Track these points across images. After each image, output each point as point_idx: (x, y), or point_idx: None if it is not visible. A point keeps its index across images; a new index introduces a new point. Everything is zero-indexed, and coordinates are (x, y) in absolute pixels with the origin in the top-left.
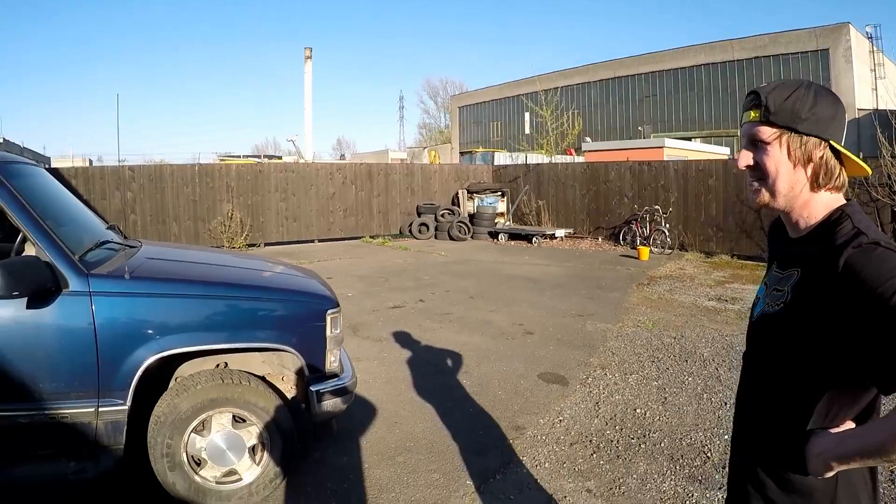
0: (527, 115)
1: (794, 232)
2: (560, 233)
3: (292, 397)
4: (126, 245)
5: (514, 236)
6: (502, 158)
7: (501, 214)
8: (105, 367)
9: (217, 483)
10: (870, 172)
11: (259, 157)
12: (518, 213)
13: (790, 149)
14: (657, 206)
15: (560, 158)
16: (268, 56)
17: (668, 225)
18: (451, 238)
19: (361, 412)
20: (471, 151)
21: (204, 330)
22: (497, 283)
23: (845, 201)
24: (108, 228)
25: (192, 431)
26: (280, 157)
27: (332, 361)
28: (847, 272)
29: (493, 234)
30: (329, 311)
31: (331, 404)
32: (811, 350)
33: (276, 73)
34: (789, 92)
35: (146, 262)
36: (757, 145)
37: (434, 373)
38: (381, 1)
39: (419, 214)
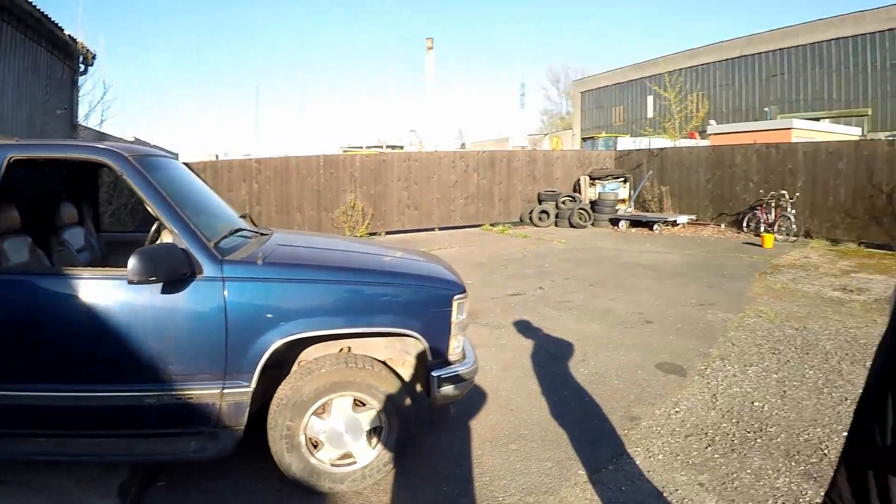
0: (650, 98)
1: None
2: (682, 219)
3: (413, 382)
4: (258, 233)
5: (635, 223)
6: (625, 143)
7: (623, 201)
8: (233, 350)
9: (332, 465)
10: None
11: (381, 147)
12: (640, 199)
13: None
14: (783, 192)
15: (684, 142)
16: (390, 47)
17: (793, 211)
18: (572, 225)
19: (477, 399)
20: (593, 137)
21: (330, 314)
22: (617, 270)
23: None
24: (240, 217)
25: (312, 414)
26: (402, 147)
27: (455, 347)
28: None
29: (614, 221)
30: (455, 297)
31: (450, 390)
32: None
33: (399, 64)
34: None
35: (277, 248)
36: None
37: (551, 360)
38: None
39: (540, 202)
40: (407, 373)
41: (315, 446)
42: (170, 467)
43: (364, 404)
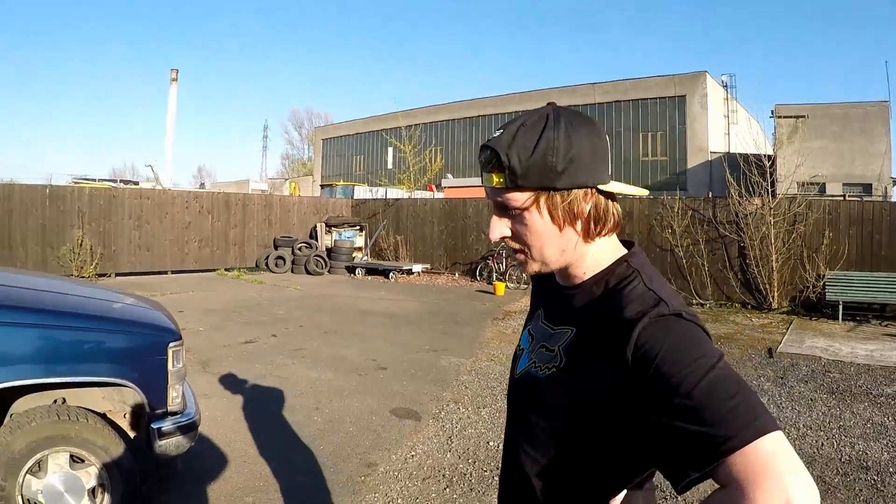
0: (390, 149)
1: (564, 279)
2: (417, 268)
3: (134, 435)
4: None
5: (371, 271)
6: (362, 192)
7: (359, 249)
8: None
9: None
10: (645, 193)
11: (115, 181)
12: (376, 247)
13: (551, 211)
14: None
15: (420, 194)
16: (130, 74)
17: None
18: (308, 272)
19: (208, 451)
20: (332, 184)
21: (37, 362)
22: (352, 318)
23: (621, 244)
24: None
25: (27, 472)
26: (137, 183)
27: (174, 397)
28: (641, 350)
29: (351, 269)
30: (171, 344)
31: (173, 442)
32: (586, 430)
33: (139, 94)
34: (535, 139)
35: None
36: (511, 213)
37: (286, 410)
38: (248, 28)
39: (276, 247)
40: (127, 425)
41: None
42: None
43: (83, 461)
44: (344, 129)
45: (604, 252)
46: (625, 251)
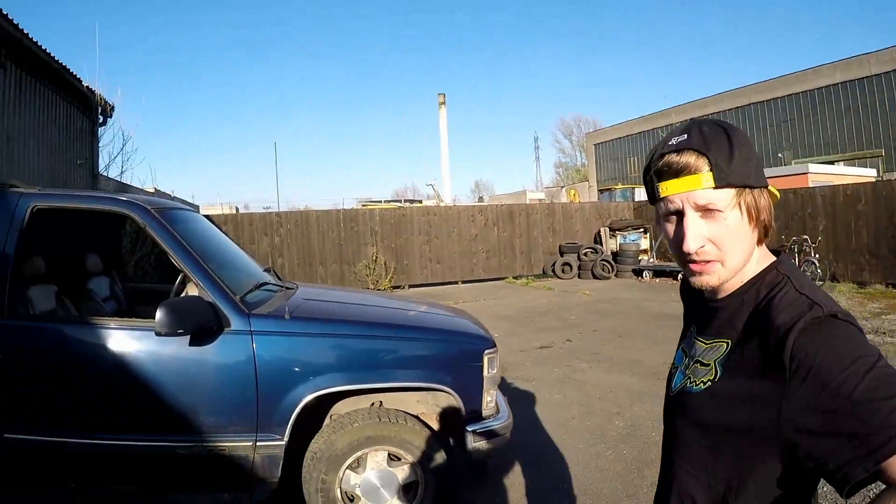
0: None
1: (713, 293)
2: None
3: (447, 437)
4: (283, 286)
5: (658, 273)
6: (642, 194)
7: (645, 251)
8: (264, 403)
9: None
10: (778, 196)
11: (400, 201)
12: (662, 249)
13: (749, 210)
14: (805, 236)
15: None
16: (405, 104)
17: (817, 255)
18: (595, 277)
19: (513, 453)
20: (610, 188)
21: (361, 370)
22: (644, 321)
23: (769, 251)
24: (264, 271)
25: (347, 468)
26: (420, 201)
27: (488, 402)
28: (799, 356)
29: (638, 272)
30: (486, 352)
31: (485, 445)
32: (745, 443)
33: (414, 119)
34: (725, 139)
35: (304, 302)
36: (712, 216)
37: (585, 414)
38: (510, 46)
39: (562, 254)
40: (440, 427)
41: (351, 500)
42: None
43: (399, 458)
44: (614, 132)
45: (756, 260)
46: (773, 259)
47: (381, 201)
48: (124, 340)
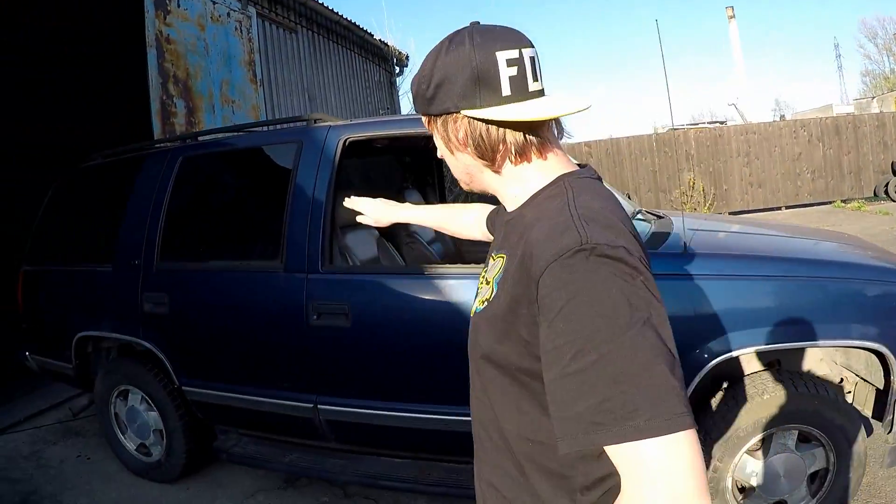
0: None
1: (505, 210)
2: None
3: (863, 412)
4: (655, 215)
5: None
6: None
7: None
8: None
9: None
10: (584, 108)
11: (700, 124)
12: None
13: (442, 136)
14: None
15: None
16: (688, 21)
17: None
18: None
19: None
20: None
21: (784, 323)
22: None
23: (577, 167)
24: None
25: (745, 452)
26: (724, 122)
27: None
28: (545, 296)
29: None
30: None
31: None
32: (504, 372)
33: (700, 39)
34: (423, 66)
35: (695, 234)
36: None
37: None
38: None
39: (895, 172)
40: (851, 398)
41: (741, 491)
42: None
43: (809, 440)
44: None
45: (535, 177)
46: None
47: (683, 126)
48: (466, 293)
